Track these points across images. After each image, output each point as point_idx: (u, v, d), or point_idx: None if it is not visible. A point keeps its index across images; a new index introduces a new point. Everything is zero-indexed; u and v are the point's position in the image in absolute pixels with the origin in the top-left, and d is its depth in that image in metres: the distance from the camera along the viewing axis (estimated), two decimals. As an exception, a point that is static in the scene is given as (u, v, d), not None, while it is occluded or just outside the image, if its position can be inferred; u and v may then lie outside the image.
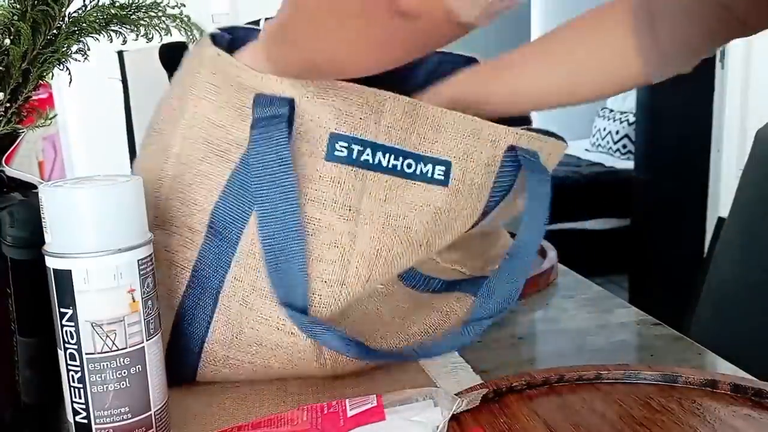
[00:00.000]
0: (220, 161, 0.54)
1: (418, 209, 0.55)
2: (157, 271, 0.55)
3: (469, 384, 0.53)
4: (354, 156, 0.54)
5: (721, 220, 2.20)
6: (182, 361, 0.56)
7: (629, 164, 3.37)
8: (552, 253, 0.86)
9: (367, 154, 0.54)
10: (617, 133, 3.86)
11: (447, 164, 0.56)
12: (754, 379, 0.53)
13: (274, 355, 0.55)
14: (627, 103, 3.83)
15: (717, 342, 0.66)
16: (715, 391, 0.51)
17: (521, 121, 0.66)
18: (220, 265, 0.54)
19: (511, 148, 0.57)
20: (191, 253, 0.55)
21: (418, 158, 0.55)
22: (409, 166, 0.55)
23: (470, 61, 0.70)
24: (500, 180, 0.58)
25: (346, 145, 0.53)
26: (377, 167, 0.54)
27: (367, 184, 0.54)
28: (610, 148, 3.88)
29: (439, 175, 0.56)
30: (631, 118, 3.65)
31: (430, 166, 0.55)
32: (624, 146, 3.80)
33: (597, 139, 3.99)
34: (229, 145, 0.54)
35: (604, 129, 3.95)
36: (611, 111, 3.97)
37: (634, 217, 2.96)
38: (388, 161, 0.55)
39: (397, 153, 0.55)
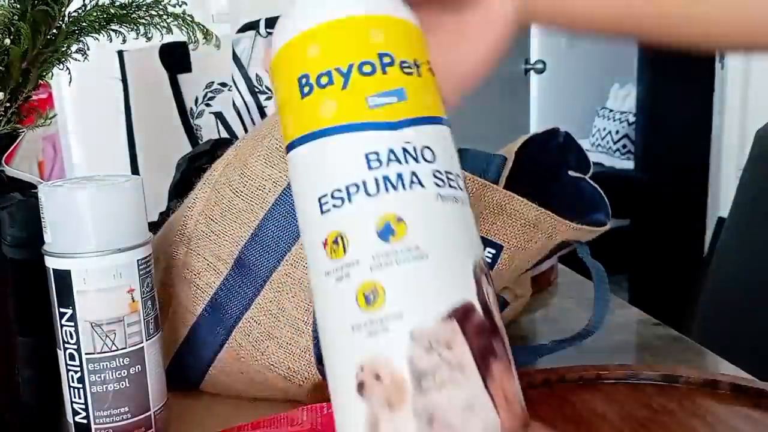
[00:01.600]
0: (254, 198, 0.53)
1: None
2: (176, 285, 0.55)
3: (470, 384, 0.53)
4: None
5: (721, 220, 2.20)
6: (186, 376, 0.55)
7: (629, 164, 3.37)
8: (552, 253, 0.86)
9: None
10: (617, 132, 3.86)
11: (499, 248, 0.54)
12: (755, 379, 0.53)
13: (277, 395, 0.54)
14: (627, 103, 3.84)
15: (717, 342, 0.66)
16: (715, 392, 0.51)
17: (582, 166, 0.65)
18: (240, 301, 0.53)
19: (565, 243, 0.57)
20: (214, 280, 0.54)
21: None
22: None
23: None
24: (539, 261, 0.58)
25: None
26: None
27: None
28: (610, 147, 3.88)
29: (487, 257, 0.54)
30: (631, 118, 3.65)
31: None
32: (624, 146, 3.80)
33: (597, 139, 3.99)
34: (264, 182, 0.53)
35: (604, 129, 3.95)
36: (611, 111, 3.97)
37: (634, 217, 2.96)
38: None
39: None
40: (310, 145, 0.33)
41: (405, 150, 0.32)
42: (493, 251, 0.54)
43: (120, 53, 0.97)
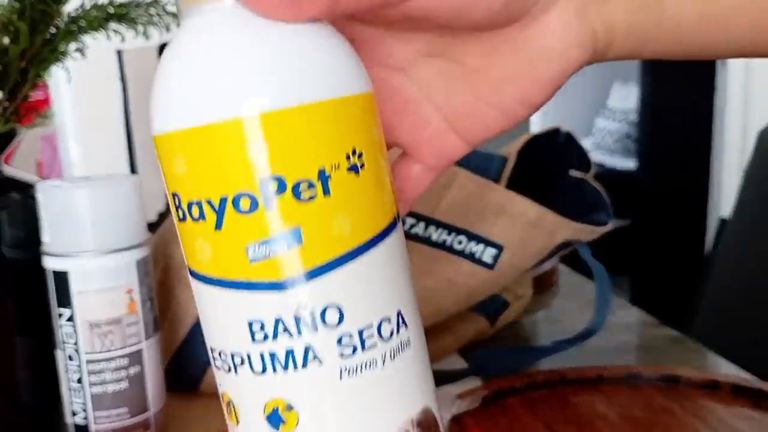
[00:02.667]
0: None
1: (456, 286, 0.54)
2: (175, 286, 0.55)
3: (470, 385, 0.53)
4: (405, 228, 0.52)
5: (723, 220, 2.20)
6: (185, 377, 0.55)
7: (630, 164, 3.37)
8: (553, 253, 0.85)
9: (419, 227, 0.52)
10: (618, 132, 3.86)
11: (499, 248, 0.54)
12: (756, 379, 0.53)
13: None
14: (628, 102, 3.83)
15: (719, 342, 0.66)
16: (716, 392, 0.51)
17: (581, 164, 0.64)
18: None
19: (566, 243, 0.57)
20: None
21: (471, 237, 0.54)
22: (459, 242, 0.54)
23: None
24: (540, 261, 0.58)
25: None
26: (425, 240, 0.53)
27: (410, 255, 0.53)
28: (610, 147, 3.87)
29: (488, 257, 0.54)
30: (632, 118, 3.65)
31: (481, 247, 0.54)
32: (625, 146, 3.80)
33: (598, 139, 3.98)
34: None
35: (605, 128, 3.94)
36: (612, 110, 3.96)
37: (636, 217, 2.96)
38: (439, 236, 0.53)
39: (450, 229, 0.53)
40: (197, 284, 0.26)
41: (298, 319, 0.24)
42: (495, 251, 0.54)
43: (119, 52, 0.96)
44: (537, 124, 3.92)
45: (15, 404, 0.48)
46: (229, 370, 0.25)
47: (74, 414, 0.45)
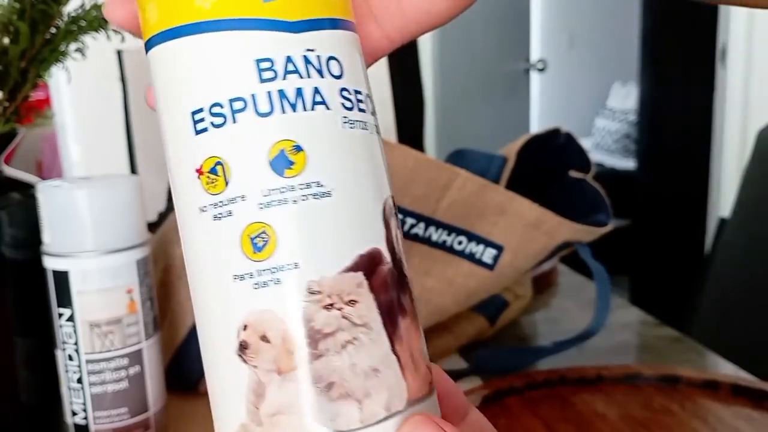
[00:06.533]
0: None
1: (456, 286, 0.55)
2: (175, 286, 0.55)
3: (470, 385, 0.53)
4: (405, 229, 0.52)
5: (722, 220, 2.20)
6: (185, 377, 0.55)
7: (630, 164, 3.37)
8: (553, 253, 0.85)
9: (419, 228, 0.53)
10: (618, 132, 3.86)
11: (499, 249, 0.55)
12: (756, 379, 0.53)
13: None
14: (628, 102, 3.84)
15: (718, 342, 0.66)
16: (716, 392, 0.51)
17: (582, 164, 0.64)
18: None
19: (566, 243, 0.57)
20: None
21: (471, 237, 0.54)
22: (459, 243, 0.54)
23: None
24: (540, 262, 0.58)
25: (400, 217, 0.52)
26: (425, 241, 0.53)
27: (410, 255, 0.53)
28: (610, 147, 3.87)
29: (488, 258, 0.55)
30: (632, 118, 3.65)
31: (481, 247, 0.55)
32: (625, 146, 3.80)
33: (597, 139, 3.99)
34: None
35: (605, 128, 3.95)
36: (612, 110, 3.96)
37: (635, 217, 2.96)
38: (439, 236, 0.54)
39: (451, 229, 0.54)
40: (181, 42, 0.26)
41: (307, 59, 0.25)
42: (495, 252, 0.54)
43: (119, 53, 0.96)
44: (537, 124, 3.92)
45: (15, 404, 0.48)
46: (225, 121, 0.25)
47: (74, 414, 0.45)
